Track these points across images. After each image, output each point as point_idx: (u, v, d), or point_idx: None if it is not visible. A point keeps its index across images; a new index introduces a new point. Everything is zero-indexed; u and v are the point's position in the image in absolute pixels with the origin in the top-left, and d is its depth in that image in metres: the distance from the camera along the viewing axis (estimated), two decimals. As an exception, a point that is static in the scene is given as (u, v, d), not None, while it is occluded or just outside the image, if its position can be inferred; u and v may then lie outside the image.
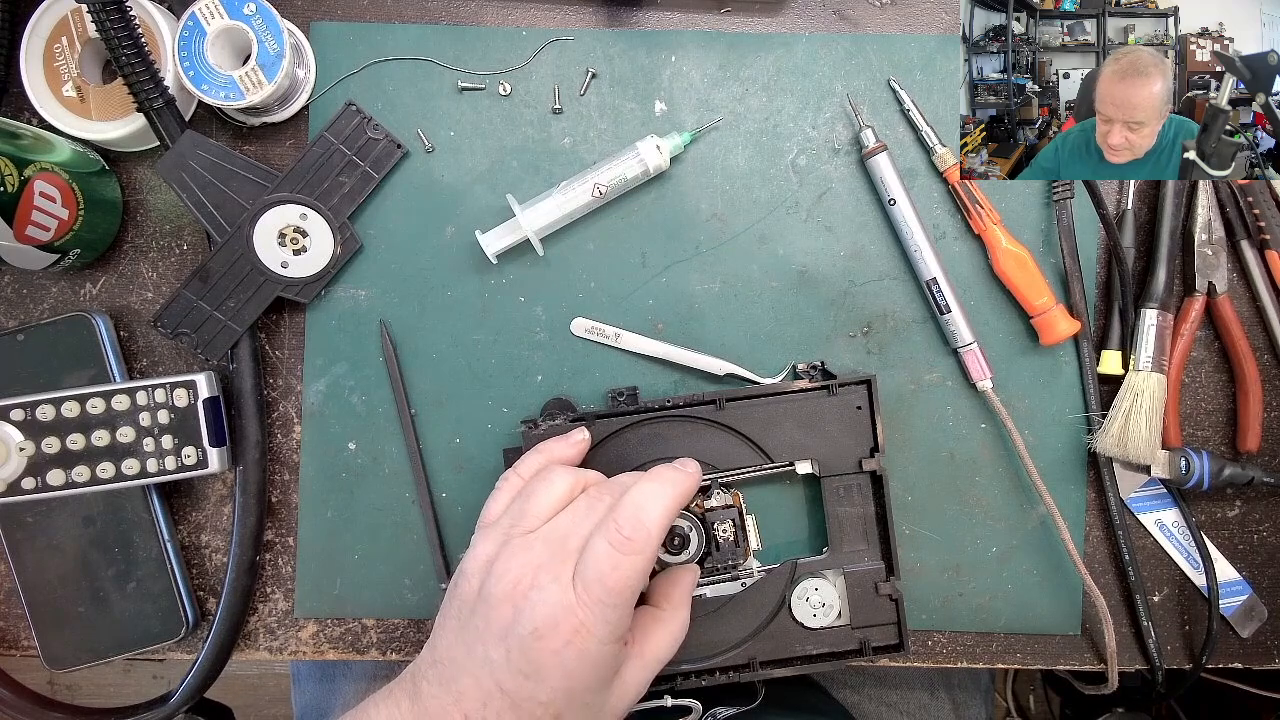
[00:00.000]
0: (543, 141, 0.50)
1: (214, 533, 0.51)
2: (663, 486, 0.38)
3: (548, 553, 0.37)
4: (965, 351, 0.49)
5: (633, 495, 0.37)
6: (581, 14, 0.50)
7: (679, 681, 0.46)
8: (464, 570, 0.39)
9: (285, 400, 0.50)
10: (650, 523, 0.36)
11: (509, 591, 0.36)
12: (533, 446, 0.44)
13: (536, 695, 0.35)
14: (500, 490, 0.42)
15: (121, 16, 0.41)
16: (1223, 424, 0.51)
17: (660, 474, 0.39)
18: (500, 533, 0.39)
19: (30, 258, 0.45)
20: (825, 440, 0.47)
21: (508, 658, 0.35)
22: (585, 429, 0.45)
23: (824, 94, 0.50)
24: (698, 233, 0.50)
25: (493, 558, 0.38)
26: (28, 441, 0.44)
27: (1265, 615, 0.51)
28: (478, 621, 0.37)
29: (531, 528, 0.38)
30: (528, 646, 0.35)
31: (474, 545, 0.39)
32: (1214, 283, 0.49)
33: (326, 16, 0.50)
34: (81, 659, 0.49)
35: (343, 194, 0.48)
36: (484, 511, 0.42)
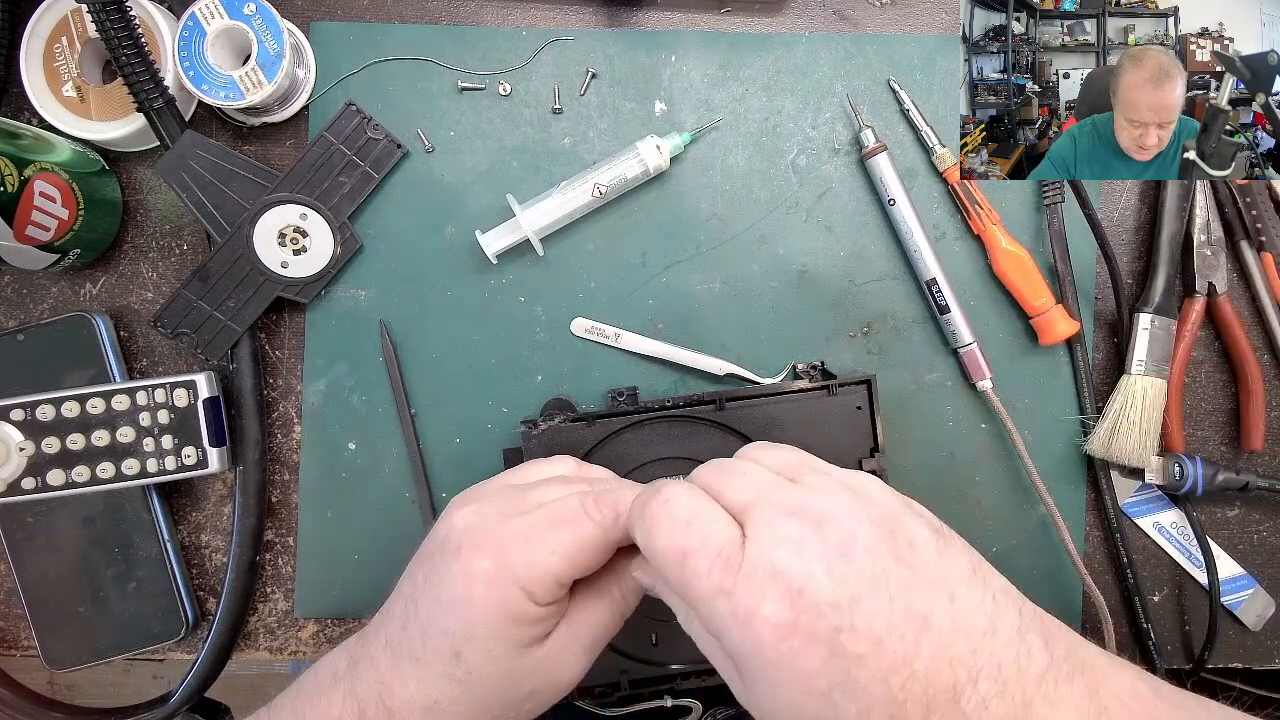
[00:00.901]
0: (543, 141, 0.50)
1: (214, 533, 0.51)
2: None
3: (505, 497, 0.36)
4: (965, 351, 0.49)
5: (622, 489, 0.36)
6: (581, 14, 0.50)
7: (679, 681, 0.46)
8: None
9: (285, 400, 0.50)
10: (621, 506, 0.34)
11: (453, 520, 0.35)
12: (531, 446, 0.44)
13: (441, 621, 0.33)
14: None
15: (121, 16, 0.41)
16: (1223, 424, 0.51)
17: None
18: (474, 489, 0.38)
19: (30, 258, 0.45)
20: (825, 440, 0.47)
21: (428, 578, 0.34)
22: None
23: (824, 94, 0.50)
24: (698, 233, 0.50)
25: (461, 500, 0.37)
26: (28, 441, 0.44)
27: (1274, 607, 0.51)
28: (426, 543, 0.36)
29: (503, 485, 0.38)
30: (446, 565, 0.33)
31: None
32: (1214, 283, 0.49)
33: (326, 16, 0.50)
34: (81, 659, 0.49)
35: (343, 194, 0.48)
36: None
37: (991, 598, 0.29)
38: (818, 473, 0.32)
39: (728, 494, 0.31)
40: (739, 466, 0.33)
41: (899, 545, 0.29)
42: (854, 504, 0.30)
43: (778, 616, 0.27)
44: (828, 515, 0.29)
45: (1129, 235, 0.51)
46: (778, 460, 0.34)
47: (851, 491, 0.31)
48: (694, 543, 0.29)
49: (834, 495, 0.30)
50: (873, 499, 0.31)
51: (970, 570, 0.29)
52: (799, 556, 0.28)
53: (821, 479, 0.32)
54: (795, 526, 0.29)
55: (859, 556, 0.28)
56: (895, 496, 0.32)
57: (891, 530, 0.29)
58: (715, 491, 0.32)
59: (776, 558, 0.28)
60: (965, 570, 0.29)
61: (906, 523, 0.30)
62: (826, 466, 0.33)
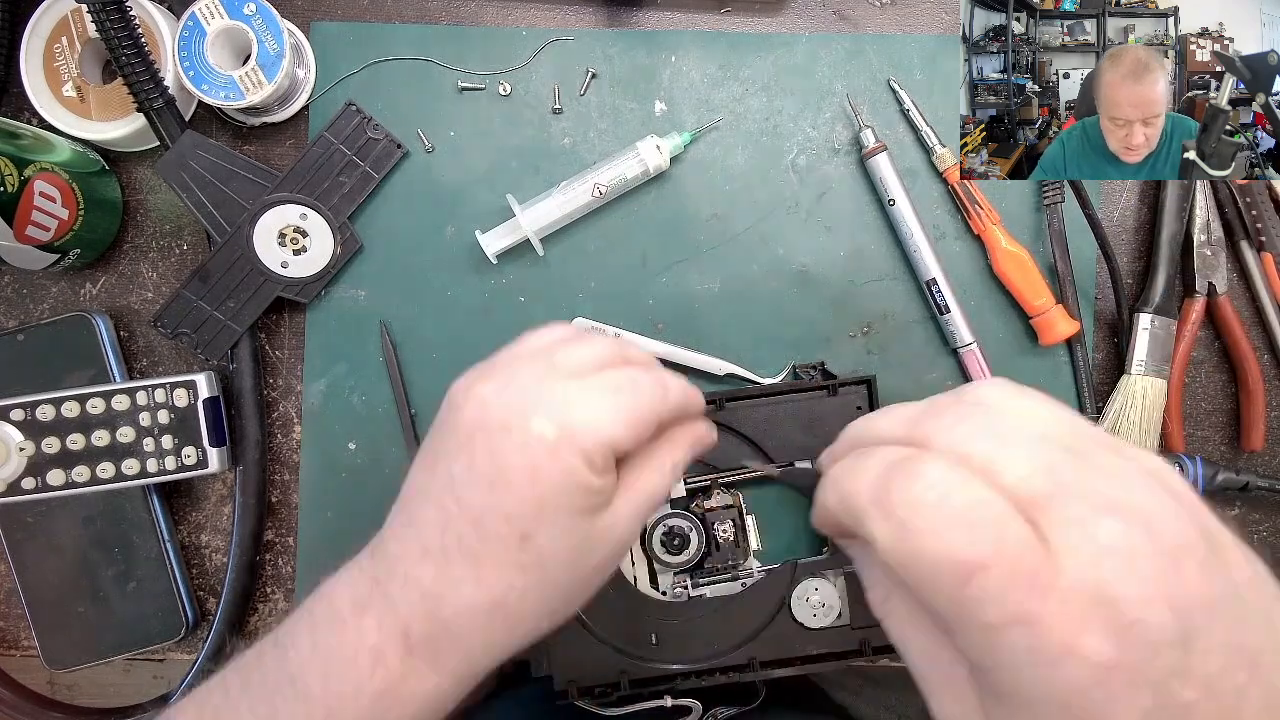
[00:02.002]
0: (543, 141, 0.50)
1: (214, 533, 0.51)
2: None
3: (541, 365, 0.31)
4: (965, 351, 0.49)
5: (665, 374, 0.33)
6: (581, 14, 0.50)
7: (679, 681, 0.46)
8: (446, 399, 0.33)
9: (285, 400, 0.50)
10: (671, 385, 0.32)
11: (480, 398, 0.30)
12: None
13: (501, 506, 0.29)
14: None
15: (121, 16, 0.41)
16: (1223, 424, 0.51)
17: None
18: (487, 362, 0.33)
19: (30, 258, 0.45)
20: (825, 440, 0.47)
21: (471, 464, 0.29)
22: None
23: (824, 94, 0.50)
24: (698, 233, 0.50)
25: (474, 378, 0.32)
26: (28, 441, 0.44)
27: None
28: (444, 439, 0.31)
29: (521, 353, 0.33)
30: (495, 446, 0.29)
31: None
32: (1214, 283, 0.49)
33: (326, 16, 0.50)
34: (81, 659, 0.49)
35: (343, 194, 0.48)
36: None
37: None
38: (1107, 449, 0.24)
39: (1007, 475, 0.23)
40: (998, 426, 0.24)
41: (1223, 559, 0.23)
42: (1174, 503, 0.23)
43: (1101, 654, 0.21)
44: (1153, 516, 0.22)
45: (1129, 235, 0.51)
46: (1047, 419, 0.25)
47: (1164, 485, 0.23)
48: (984, 551, 0.22)
49: (1147, 487, 0.23)
50: (1183, 495, 0.23)
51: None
52: (1134, 576, 0.21)
53: (1120, 461, 0.24)
54: (1121, 532, 0.22)
55: (1193, 576, 0.21)
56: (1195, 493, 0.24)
57: (1209, 537, 0.23)
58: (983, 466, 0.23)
59: (1103, 576, 0.21)
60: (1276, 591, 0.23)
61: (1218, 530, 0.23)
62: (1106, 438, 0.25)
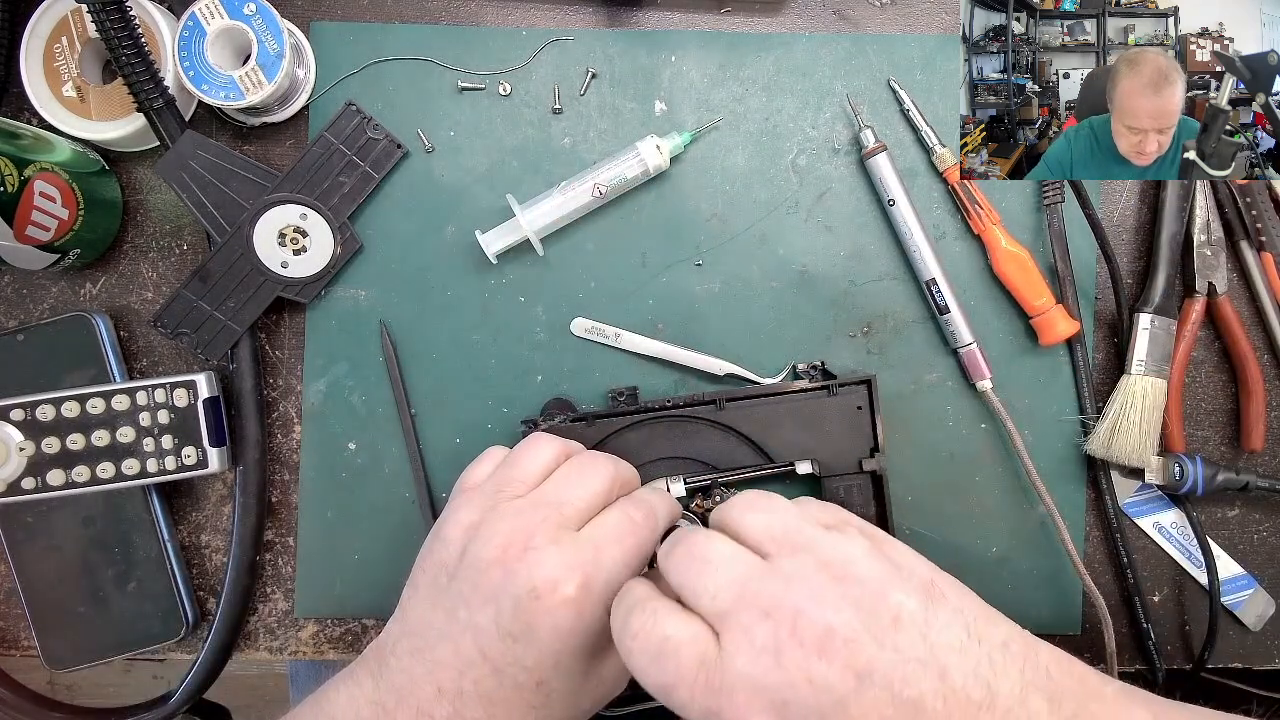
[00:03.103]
0: (543, 141, 0.50)
1: (214, 533, 0.51)
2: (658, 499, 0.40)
3: (540, 516, 0.36)
4: (965, 351, 0.49)
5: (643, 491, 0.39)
6: (581, 14, 0.50)
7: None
8: (441, 535, 0.37)
9: (285, 400, 0.50)
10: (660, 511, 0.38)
11: (499, 555, 0.34)
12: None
13: (523, 659, 0.33)
14: (483, 458, 0.42)
15: (121, 16, 0.41)
16: (1223, 424, 0.51)
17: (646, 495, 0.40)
18: (484, 498, 0.38)
19: (30, 258, 0.45)
20: (825, 440, 0.47)
21: (496, 620, 0.33)
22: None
23: (824, 94, 0.50)
24: (698, 233, 0.50)
25: (477, 523, 0.36)
26: (28, 441, 0.44)
27: (1274, 607, 0.51)
28: (461, 586, 0.35)
29: (519, 493, 0.38)
30: (523, 607, 0.33)
31: (453, 510, 0.38)
32: (1214, 283, 0.49)
33: (326, 16, 0.50)
34: (81, 659, 0.49)
35: (343, 194, 0.48)
36: (464, 477, 0.42)
37: (989, 661, 0.28)
38: (798, 551, 0.31)
39: (703, 599, 0.30)
40: (714, 552, 0.31)
41: (882, 626, 0.28)
42: (834, 590, 0.29)
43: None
44: (802, 610, 0.28)
45: (1129, 235, 0.51)
46: (762, 527, 0.32)
47: (832, 574, 0.30)
48: (668, 677, 0.29)
49: (811, 582, 0.29)
50: (856, 577, 0.30)
51: (964, 633, 0.29)
52: (779, 668, 0.27)
53: (800, 561, 0.30)
54: (771, 632, 0.28)
55: (839, 652, 0.27)
56: (883, 565, 0.30)
57: (874, 611, 0.28)
58: (689, 595, 0.31)
59: (755, 674, 0.28)
60: (958, 636, 0.28)
61: (892, 597, 0.29)
62: (812, 535, 0.32)
